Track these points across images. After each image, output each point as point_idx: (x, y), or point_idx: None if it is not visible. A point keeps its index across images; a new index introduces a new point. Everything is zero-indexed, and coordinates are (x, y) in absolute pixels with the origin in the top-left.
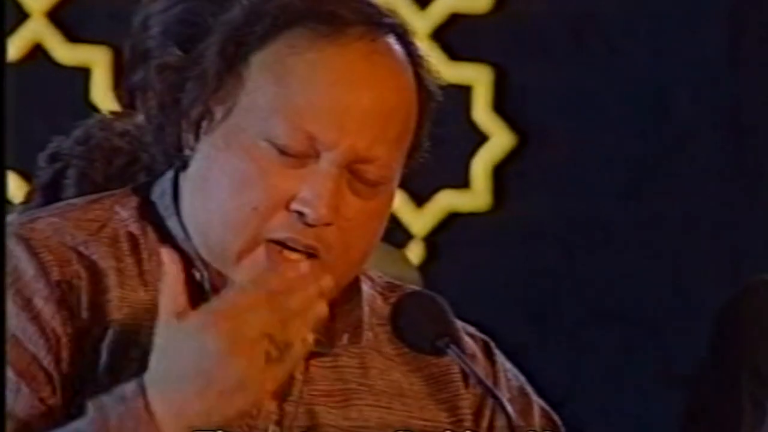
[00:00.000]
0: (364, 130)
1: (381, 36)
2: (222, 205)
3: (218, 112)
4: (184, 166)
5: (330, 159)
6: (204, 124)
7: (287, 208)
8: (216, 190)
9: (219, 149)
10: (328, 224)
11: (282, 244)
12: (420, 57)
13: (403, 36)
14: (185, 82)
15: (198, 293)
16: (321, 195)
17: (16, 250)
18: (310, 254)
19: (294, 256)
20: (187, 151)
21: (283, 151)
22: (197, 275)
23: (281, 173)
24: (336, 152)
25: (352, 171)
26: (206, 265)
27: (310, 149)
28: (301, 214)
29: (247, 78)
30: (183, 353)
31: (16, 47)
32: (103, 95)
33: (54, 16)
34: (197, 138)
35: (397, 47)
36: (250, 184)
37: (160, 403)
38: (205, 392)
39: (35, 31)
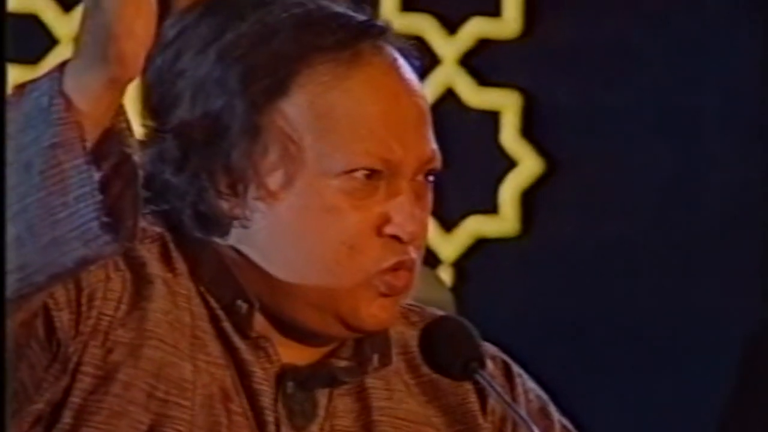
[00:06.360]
0: (420, 136)
1: (379, 41)
2: (321, 255)
3: (264, 169)
4: (225, 231)
5: (401, 175)
6: (241, 187)
7: (379, 234)
8: (306, 245)
9: (287, 207)
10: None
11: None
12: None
13: (387, 33)
14: (207, 146)
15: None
16: (407, 212)
17: None
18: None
19: (403, 274)
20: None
21: None
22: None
23: (360, 206)
24: (404, 166)
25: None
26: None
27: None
28: (395, 237)
29: (284, 125)
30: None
31: None
32: None
33: None
34: (241, 202)
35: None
36: (338, 225)
37: (68, 69)
38: (88, 44)
39: None
